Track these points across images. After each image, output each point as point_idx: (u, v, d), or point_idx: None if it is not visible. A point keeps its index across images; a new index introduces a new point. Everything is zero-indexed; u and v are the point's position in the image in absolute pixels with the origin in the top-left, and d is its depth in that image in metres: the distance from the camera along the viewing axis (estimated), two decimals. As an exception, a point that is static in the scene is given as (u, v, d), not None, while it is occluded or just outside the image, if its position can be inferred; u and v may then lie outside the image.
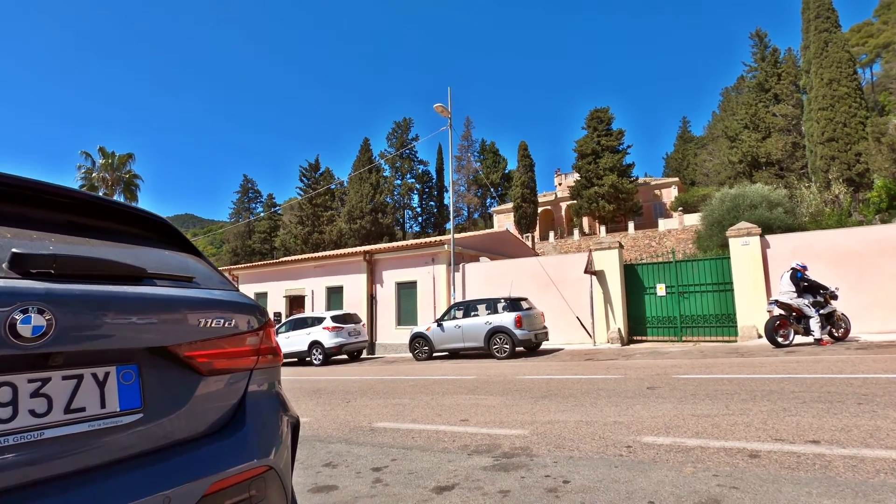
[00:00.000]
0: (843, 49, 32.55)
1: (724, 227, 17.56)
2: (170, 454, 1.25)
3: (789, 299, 9.55)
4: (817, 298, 9.34)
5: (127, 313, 1.21)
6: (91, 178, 36.85)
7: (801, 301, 9.37)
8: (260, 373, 1.61)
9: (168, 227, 1.67)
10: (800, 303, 9.37)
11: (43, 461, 1.02)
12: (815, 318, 9.12)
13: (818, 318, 9.11)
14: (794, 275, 9.58)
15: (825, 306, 9.34)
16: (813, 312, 9.18)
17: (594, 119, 47.58)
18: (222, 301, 1.50)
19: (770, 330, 9.46)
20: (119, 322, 1.19)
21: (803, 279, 9.48)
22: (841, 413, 3.79)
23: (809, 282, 9.50)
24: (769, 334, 9.45)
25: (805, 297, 9.38)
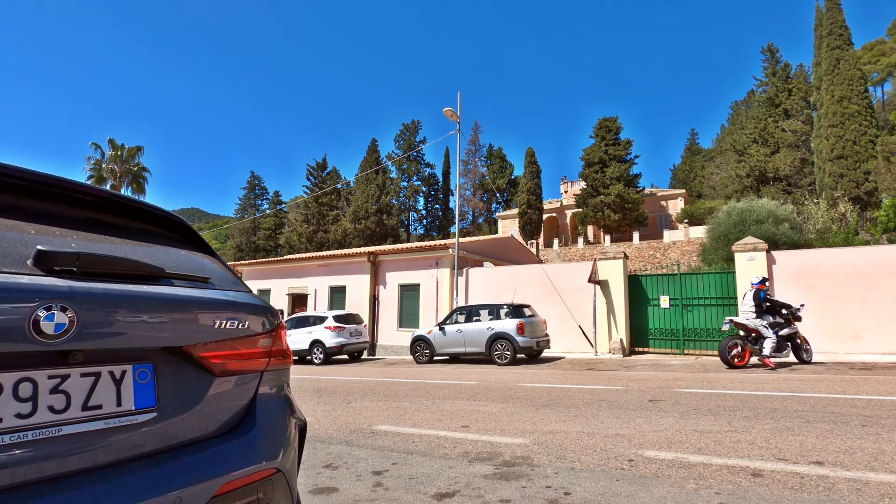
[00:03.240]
0: (854, 67, 32.47)
1: (730, 241, 17.50)
2: (182, 453, 1.26)
3: (746, 319, 9.30)
4: (776, 319, 9.04)
5: (145, 313, 1.22)
6: (100, 169, 37.07)
7: (758, 322, 9.07)
8: (271, 374, 1.62)
9: (185, 227, 1.69)
10: (757, 323, 9.08)
11: (60, 457, 1.03)
12: (771, 338, 8.82)
13: (773, 339, 8.80)
14: (757, 294, 9.23)
15: (785, 326, 9.03)
16: (770, 333, 8.88)
17: (602, 128, 47.57)
18: (236, 302, 1.51)
19: (723, 350, 9.21)
20: (137, 321, 1.20)
21: (766, 299, 9.16)
22: (845, 434, 3.76)
23: (772, 301, 9.20)
24: (722, 354, 9.20)
25: (765, 318, 9.06)
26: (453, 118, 17.62)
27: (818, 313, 11.53)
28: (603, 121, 47.76)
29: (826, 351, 11.15)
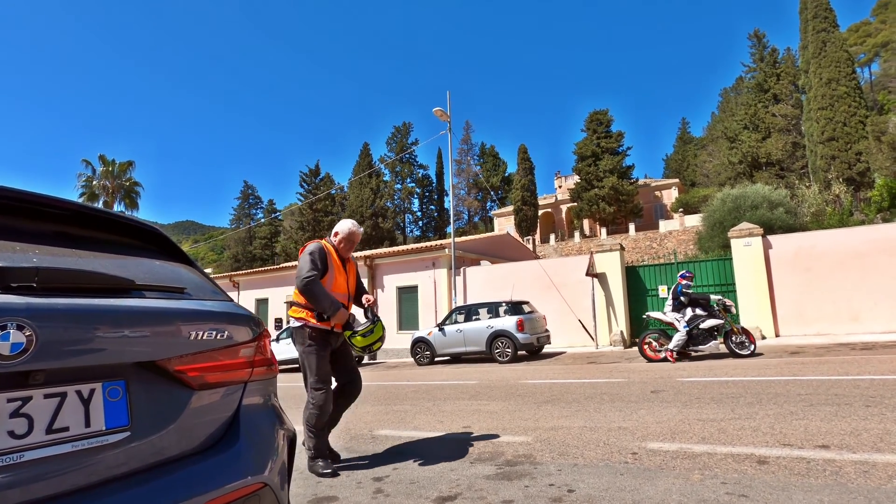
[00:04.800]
0: (841, 49, 32.58)
1: (726, 228, 17.51)
2: (160, 473, 1.21)
3: (662, 313, 9.27)
4: (697, 311, 8.80)
5: (113, 327, 1.17)
6: (91, 186, 36.90)
7: (673, 315, 8.99)
8: (255, 385, 1.56)
9: (160, 236, 1.63)
10: (672, 317, 9.01)
11: (23, 484, 0.97)
12: (681, 332, 8.67)
13: (682, 333, 8.65)
14: (675, 288, 9.10)
15: (708, 319, 8.71)
16: (681, 327, 8.76)
17: (594, 121, 47.64)
18: (214, 312, 1.45)
19: (640, 343, 9.21)
20: (105, 336, 1.15)
21: (682, 293, 8.96)
22: (849, 416, 3.72)
23: (689, 295, 8.94)
24: (640, 348, 9.19)
25: (685, 311, 8.89)
26: (443, 118, 17.57)
27: (816, 296, 11.53)
28: (594, 114, 47.83)
29: (827, 333, 11.15)
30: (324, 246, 3.59)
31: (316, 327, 3.48)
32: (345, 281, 3.66)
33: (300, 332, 3.52)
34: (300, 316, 3.53)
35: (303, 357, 3.51)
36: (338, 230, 3.72)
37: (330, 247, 3.64)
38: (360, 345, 3.53)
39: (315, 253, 3.49)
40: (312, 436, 3.48)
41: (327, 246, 3.62)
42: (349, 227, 3.72)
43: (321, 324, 3.48)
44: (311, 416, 3.48)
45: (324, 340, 3.52)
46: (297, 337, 3.54)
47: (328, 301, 3.40)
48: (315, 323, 3.47)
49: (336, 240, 3.70)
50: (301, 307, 3.53)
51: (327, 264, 3.53)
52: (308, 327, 3.49)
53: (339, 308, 3.44)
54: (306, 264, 3.44)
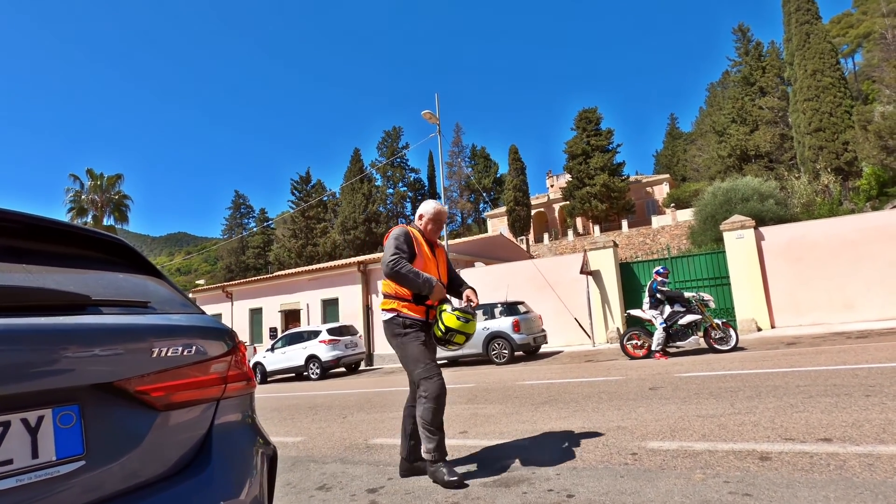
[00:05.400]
0: (824, 40, 32.89)
1: (718, 222, 17.56)
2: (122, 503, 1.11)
3: (640, 311, 9.21)
4: (676, 308, 8.72)
5: (64, 347, 1.07)
6: (80, 200, 36.54)
7: (651, 312, 8.91)
8: (229, 403, 1.47)
9: (124, 247, 1.54)
10: (650, 314, 8.94)
11: (-41, 527, 0.88)
12: (659, 329, 8.62)
13: (660, 331, 8.58)
14: (651, 285, 9.00)
15: (687, 314, 8.64)
16: (658, 324, 8.69)
17: (583, 119, 47.80)
18: (181, 326, 1.36)
19: (621, 343, 9.19)
20: (54, 358, 1.05)
21: (658, 290, 8.88)
22: (850, 407, 3.67)
23: (663, 292, 8.84)
24: (622, 347, 9.16)
25: (663, 308, 8.80)
26: (432, 121, 17.51)
27: (810, 285, 11.55)
28: (583, 112, 48.00)
29: (822, 322, 11.16)
30: (409, 231, 3.30)
31: (410, 317, 3.18)
32: (435, 267, 3.33)
33: (392, 324, 3.21)
34: (390, 307, 3.24)
35: (401, 349, 3.18)
36: (422, 212, 3.43)
37: (416, 231, 3.35)
38: (452, 325, 3.11)
39: (400, 237, 3.21)
40: (431, 435, 3.07)
41: (413, 231, 3.33)
42: (434, 207, 3.42)
43: (415, 312, 3.18)
44: (426, 410, 3.06)
45: (419, 327, 3.20)
46: (390, 330, 3.23)
47: (422, 278, 3.08)
48: (408, 312, 3.18)
49: (422, 223, 3.41)
50: (391, 298, 3.25)
51: (414, 250, 3.23)
52: (401, 317, 3.19)
53: (436, 283, 3.12)
54: (389, 248, 3.16)
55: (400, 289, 3.19)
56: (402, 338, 3.16)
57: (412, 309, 3.19)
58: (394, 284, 3.20)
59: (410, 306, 3.20)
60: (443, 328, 3.12)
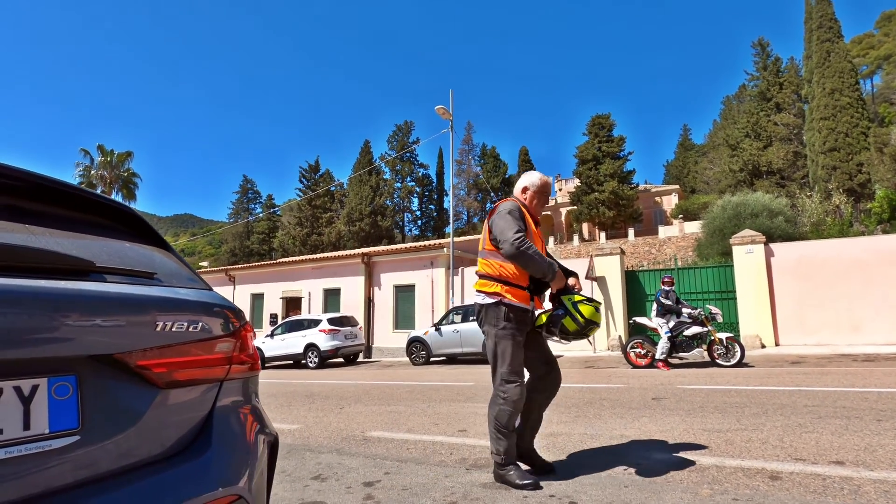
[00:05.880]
0: (845, 59, 32.55)
1: (726, 235, 17.40)
2: (115, 484, 1.04)
3: (648, 319, 9.11)
4: (682, 319, 8.65)
5: (63, 313, 1.00)
6: (90, 175, 36.66)
7: (657, 321, 8.83)
8: (232, 384, 1.40)
9: (131, 215, 1.47)
10: (657, 322, 8.85)
11: (-61, 499, 0.81)
12: (663, 339, 8.53)
13: (665, 341, 8.51)
14: (657, 294, 8.96)
15: (692, 326, 8.58)
16: (663, 333, 8.61)
17: (595, 125, 47.55)
18: (187, 301, 1.29)
19: (624, 351, 9.09)
20: (53, 324, 0.99)
21: (658, 300, 8.82)
22: (861, 431, 3.58)
23: (664, 304, 8.77)
24: (625, 355, 9.07)
25: (670, 318, 8.72)
26: (445, 116, 17.42)
27: (818, 305, 11.41)
28: (596, 118, 47.74)
29: (827, 343, 11.03)
30: (519, 206, 2.97)
31: (514, 305, 2.83)
32: (542, 248, 3.00)
33: (494, 310, 2.85)
34: (493, 290, 2.87)
35: (494, 342, 2.86)
36: (526, 183, 3.08)
37: (522, 206, 3.00)
38: (589, 316, 2.83)
39: (515, 212, 2.87)
40: (502, 437, 2.86)
41: (521, 206, 2.99)
42: (541, 178, 3.09)
43: (520, 300, 2.85)
44: (502, 412, 2.84)
45: (521, 322, 2.87)
46: (489, 317, 2.88)
47: (546, 262, 2.79)
48: (512, 299, 2.83)
49: (527, 196, 3.06)
50: (493, 280, 2.89)
51: (525, 227, 2.89)
52: (505, 304, 2.83)
53: (558, 269, 2.85)
54: (508, 224, 2.80)
55: (505, 270, 2.86)
56: (501, 330, 2.84)
57: (517, 295, 2.85)
58: (496, 265, 2.89)
59: (515, 292, 2.85)
60: (582, 321, 2.84)
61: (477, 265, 3.05)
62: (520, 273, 2.86)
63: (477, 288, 3.00)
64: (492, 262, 2.92)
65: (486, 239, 2.98)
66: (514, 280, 2.86)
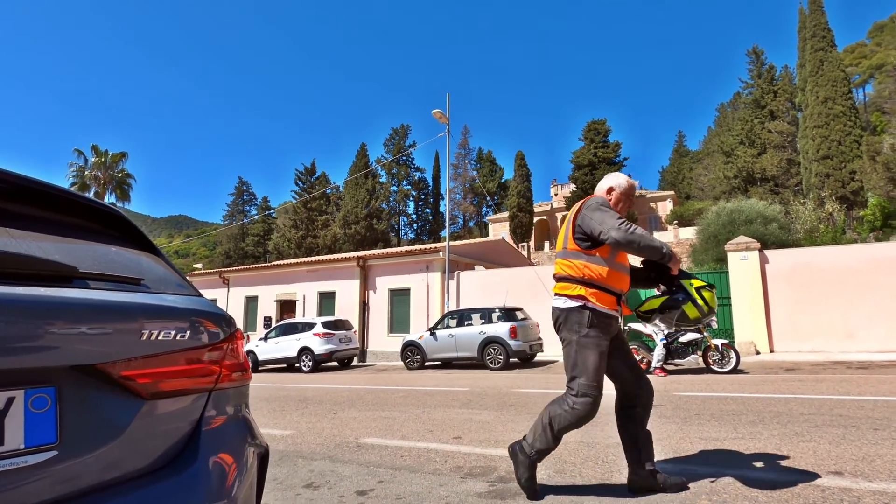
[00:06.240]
0: (838, 68, 32.87)
1: (720, 242, 17.47)
2: (96, 500, 1.00)
3: (642, 326, 9.13)
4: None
5: (43, 321, 0.96)
6: (83, 176, 36.39)
7: (652, 327, 8.83)
8: (221, 394, 1.35)
9: (119, 218, 1.42)
10: (651, 329, 8.86)
11: None
12: (659, 346, 8.55)
13: (661, 347, 8.53)
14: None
15: (688, 332, 8.59)
16: (659, 340, 8.63)
17: (591, 130, 47.76)
18: (175, 308, 1.25)
19: None
20: (31, 333, 0.94)
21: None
22: (859, 440, 3.56)
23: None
24: None
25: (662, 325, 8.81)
26: (442, 120, 17.42)
27: (812, 312, 11.44)
28: (592, 123, 47.97)
29: (822, 350, 11.05)
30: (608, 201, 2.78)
31: (599, 310, 2.61)
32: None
33: (576, 315, 2.63)
34: (577, 293, 2.64)
35: (576, 348, 2.63)
36: (612, 184, 2.88)
37: None
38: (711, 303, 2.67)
39: (606, 205, 2.68)
40: (548, 439, 2.66)
41: None
42: (627, 180, 2.90)
43: (607, 305, 2.62)
44: (564, 419, 2.62)
45: (606, 329, 2.64)
46: (570, 322, 2.65)
47: (658, 242, 2.56)
48: (598, 304, 2.61)
49: (612, 197, 2.86)
50: (576, 282, 2.66)
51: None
52: (589, 309, 2.61)
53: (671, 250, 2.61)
54: (608, 214, 2.59)
55: (590, 272, 2.64)
56: (584, 338, 2.61)
57: (603, 300, 2.63)
58: (580, 265, 2.66)
59: (601, 295, 2.63)
60: (706, 308, 2.66)
61: (555, 267, 2.87)
62: (608, 275, 2.64)
63: (556, 291, 2.78)
64: (574, 263, 2.70)
65: (568, 238, 2.75)
66: (601, 282, 2.64)
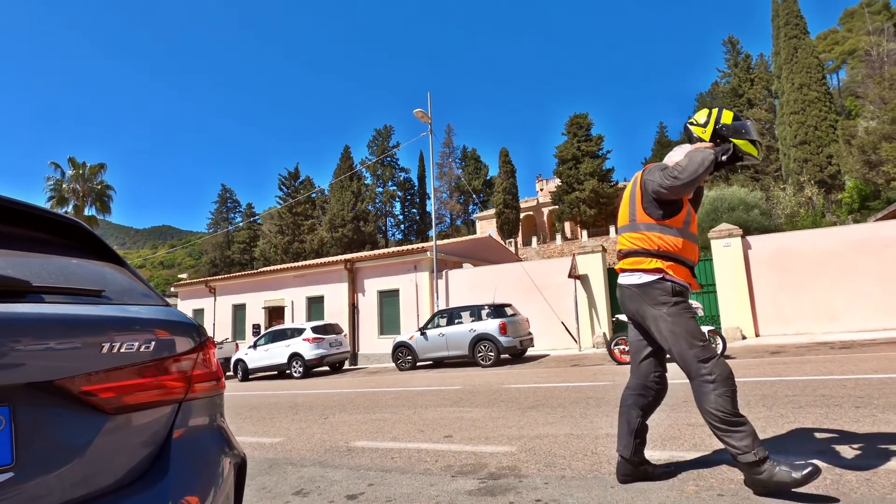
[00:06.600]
0: (811, 55, 33.48)
1: (704, 230, 17.70)
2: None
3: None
4: None
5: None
6: (61, 189, 35.63)
7: None
8: (192, 405, 1.32)
9: (79, 229, 1.38)
10: None
11: None
12: None
13: None
14: None
15: None
16: None
17: (574, 125, 48.04)
18: (138, 319, 1.22)
19: (609, 348, 9.30)
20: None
21: None
22: (841, 418, 3.62)
23: None
24: (609, 352, 9.27)
25: None
26: (424, 119, 17.38)
27: (795, 295, 11.64)
28: (574, 117, 48.24)
29: (805, 332, 11.25)
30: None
31: (678, 282, 2.48)
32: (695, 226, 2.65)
33: (655, 288, 2.48)
34: (654, 266, 2.49)
35: (670, 320, 2.43)
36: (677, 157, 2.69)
37: None
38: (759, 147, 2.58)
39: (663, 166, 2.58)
40: (739, 428, 2.28)
41: None
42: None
43: (683, 277, 2.50)
44: (721, 398, 2.30)
45: (685, 296, 2.53)
46: (650, 297, 2.49)
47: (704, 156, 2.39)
48: (675, 276, 2.47)
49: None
50: (650, 255, 2.51)
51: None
52: (667, 280, 2.47)
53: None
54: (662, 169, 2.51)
55: (665, 243, 2.49)
56: (672, 307, 2.43)
57: (679, 272, 2.49)
58: (655, 237, 2.51)
59: (678, 268, 2.49)
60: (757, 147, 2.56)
61: (619, 242, 2.70)
62: (683, 246, 2.50)
63: (628, 266, 2.60)
64: (648, 235, 2.53)
65: (637, 210, 2.59)
66: (678, 253, 2.49)
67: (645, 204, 2.56)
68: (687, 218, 2.54)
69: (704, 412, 2.37)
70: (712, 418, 2.33)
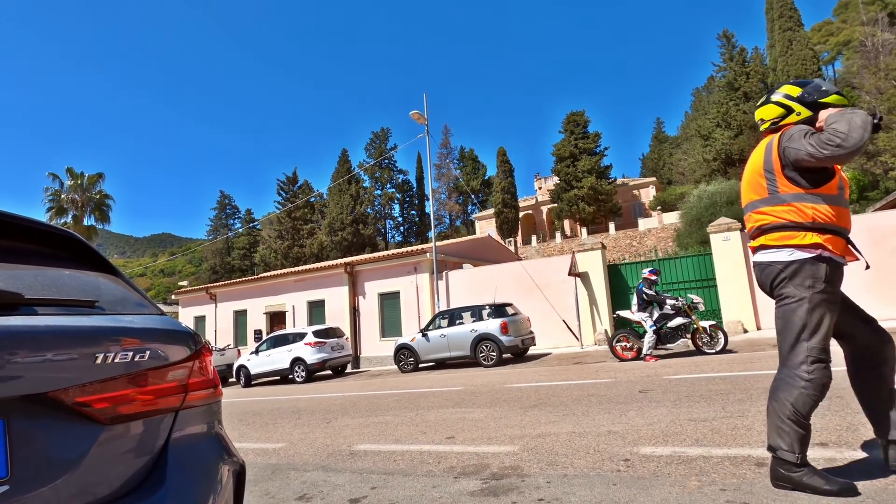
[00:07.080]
0: (806, 47, 33.50)
1: (704, 224, 17.69)
2: (55, 533, 0.96)
3: (629, 313, 9.26)
4: (664, 310, 8.67)
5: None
6: (59, 199, 35.61)
7: (640, 315, 8.93)
8: (190, 413, 1.32)
9: (72, 240, 1.38)
10: (639, 316, 8.96)
11: None
12: (649, 332, 8.62)
13: (650, 334, 8.60)
14: (638, 286, 9.04)
15: (675, 318, 8.61)
16: (648, 327, 8.71)
17: (571, 122, 48.05)
18: (132, 329, 1.22)
19: (610, 345, 9.24)
20: (-27, 366, 0.91)
21: (643, 292, 8.88)
22: (842, 410, 3.62)
23: (648, 295, 8.81)
24: (611, 349, 9.20)
25: (651, 310, 8.79)
26: (420, 121, 17.39)
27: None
28: (571, 115, 48.25)
29: (806, 324, 11.24)
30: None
31: (836, 259, 2.22)
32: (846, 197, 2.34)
33: (810, 267, 2.20)
34: (811, 241, 2.20)
35: (808, 307, 2.21)
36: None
37: None
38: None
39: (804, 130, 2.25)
40: (799, 428, 2.22)
41: None
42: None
43: (841, 252, 2.23)
44: (804, 397, 2.23)
45: (839, 283, 2.27)
46: (802, 276, 2.21)
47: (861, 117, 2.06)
48: (834, 252, 2.20)
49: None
50: (804, 229, 2.22)
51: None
52: (824, 260, 2.20)
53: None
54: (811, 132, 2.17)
55: (820, 214, 2.21)
56: (818, 294, 2.19)
57: (837, 245, 2.21)
58: (808, 207, 2.22)
59: (836, 241, 2.21)
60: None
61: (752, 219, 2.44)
62: (838, 215, 2.22)
63: (774, 242, 2.31)
64: (799, 207, 2.23)
65: (778, 180, 2.29)
66: (835, 224, 2.21)
67: (788, 173, 2.27)
68: (840, 183, 2.26)
69: (777, 400, 2.28)
70: (783, 410, 2.24)
